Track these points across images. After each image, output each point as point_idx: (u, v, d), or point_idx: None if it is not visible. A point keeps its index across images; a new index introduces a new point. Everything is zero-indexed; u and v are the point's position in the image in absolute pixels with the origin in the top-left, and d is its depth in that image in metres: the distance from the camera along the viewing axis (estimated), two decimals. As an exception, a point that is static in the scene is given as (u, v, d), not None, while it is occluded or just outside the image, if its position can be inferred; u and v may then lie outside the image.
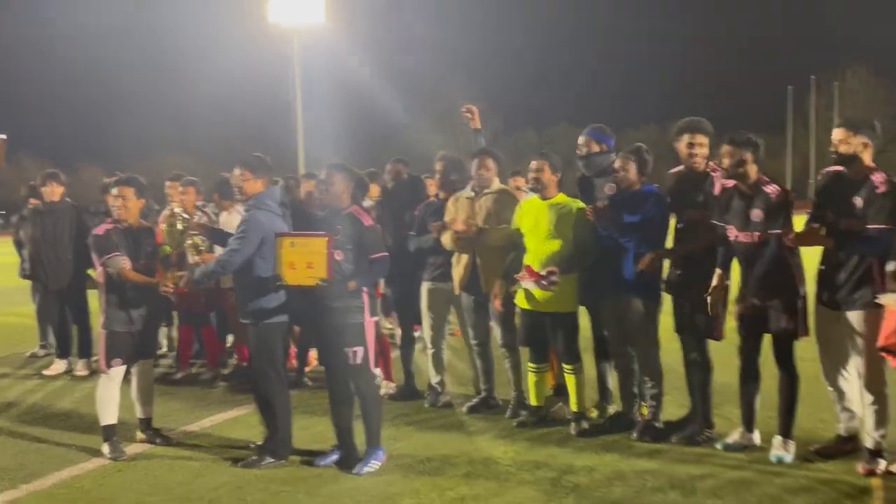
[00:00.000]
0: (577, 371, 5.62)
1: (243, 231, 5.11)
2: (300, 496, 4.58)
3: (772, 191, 4.82)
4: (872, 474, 4.57)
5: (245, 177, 5.28)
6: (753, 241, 4.84)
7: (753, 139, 4.90)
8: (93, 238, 5.55)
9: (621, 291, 5.40)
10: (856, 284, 4.64)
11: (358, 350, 4.97)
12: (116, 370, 5.47)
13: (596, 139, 5.91)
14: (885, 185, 4.51)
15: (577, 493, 4.49)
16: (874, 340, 4.52)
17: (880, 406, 4.66)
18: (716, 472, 4.73)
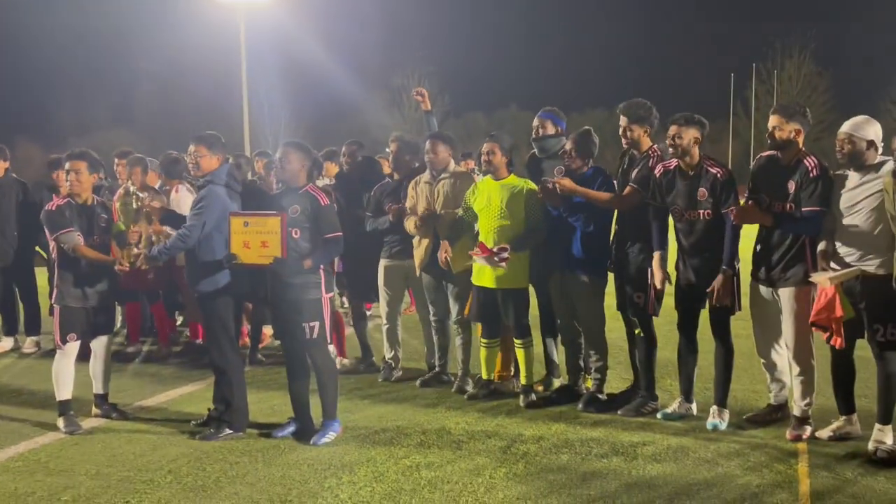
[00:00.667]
0: (526, 345, 5.84)
1: (202, 206, 5.16)
2: (258, 466, 4.70)
3: (717, 171, 5.08)
4: (799, 439, 4.90)
5: (201, 153, 5.31)
6: (698, 220, 5.10)
7: (698, 118, 5.14)
8: (45, 213, 5.52)
9: (569, 268, 5.63)
10: (788, 263, 4.92)
11: (315, 325, 5.09)
12: (71, 345, 5.49)
13: (552, 120, 6.13)
14: (817, 170, 4.80)
15: (527, 459, 4.71)
16: (804, 315, 4.82)
17: (807, 377, 4.98)
18: (656, 440, 5.00)
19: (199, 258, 5.23)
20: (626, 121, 5.45)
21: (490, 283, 5.77)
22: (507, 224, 5.68)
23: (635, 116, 5.43)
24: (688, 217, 5.15)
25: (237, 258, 5.04)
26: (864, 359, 4.92)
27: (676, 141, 5.08)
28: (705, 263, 5.13)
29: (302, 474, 4.55)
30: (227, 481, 4.47)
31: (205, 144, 5.34)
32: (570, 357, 5.94)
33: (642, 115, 5.44)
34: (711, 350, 5.35)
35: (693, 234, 5.16)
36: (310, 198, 5.11)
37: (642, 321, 5.51)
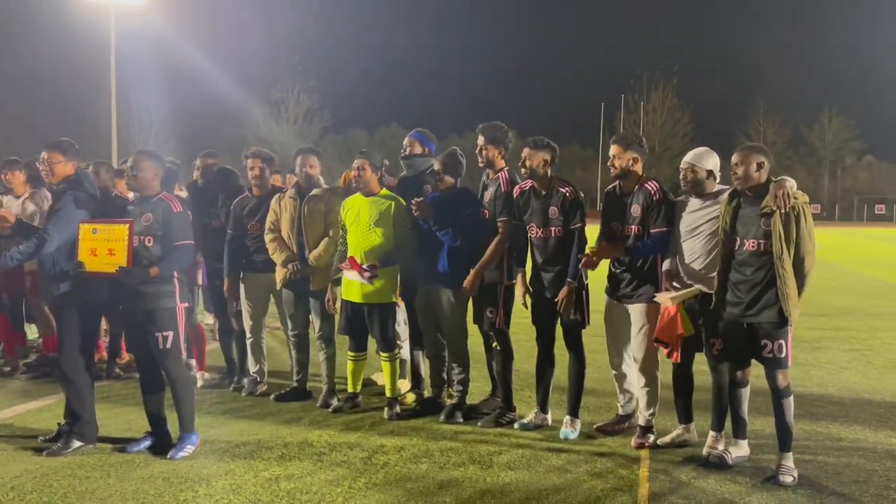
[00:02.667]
0: (392, 359, 5.95)
1: (60, 212, 4.99)
2: (110, 480, 4.56)
3: (566, 190, 5.40)
4: (643, 447, 5.23)
5: (56, 159, 5.15)
6: (550, 236, 5.39)
7: (548, 142, 5.48)
8: None
9: (434, 283, 5.80)
10: (639, 282, 5.28)
11: (168, 334, 5.01)
12: None
13: (420, 141, 6.32)
14: (659, 193, 5.19)
15: (387, 469, 4.80)
16: (651, 331, 5.19)
17: (651, 388, 5.33)
18: (511, 449, 5.20)
19: (54, 265, 5.05)
20: (483, 140, 5.73)
21: (358, 298, 5.85)
22: (377, 240, 5.79)
23: (491, 137, 5.72)
24: (541, 234, 5.44)
25: (83, 266, 4.91)
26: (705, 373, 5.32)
27: (528, 163, 5.39)
28: (558, 278, 5.42)
29: (157, 488, 4.45)
30: (75, 497, 4.31)
31: (59, 150, 5.20)
32: (434, 369, 6.09)
33: (498, 136, 5.73)
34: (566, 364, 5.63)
35: (546, 249, 5.45)
36: (162, 205, 5.05)
37: (498, 335, 5.74)
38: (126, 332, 5.72)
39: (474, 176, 6.57)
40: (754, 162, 4.73)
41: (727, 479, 4.71)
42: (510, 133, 5.75)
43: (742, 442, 4.99)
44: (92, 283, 5.04)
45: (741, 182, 4.75)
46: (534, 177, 5.44)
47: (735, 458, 4.90)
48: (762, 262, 4.66)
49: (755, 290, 4.68)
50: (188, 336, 6.37)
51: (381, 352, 5.97)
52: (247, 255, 6.49)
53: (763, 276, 4.66)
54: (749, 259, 4.70)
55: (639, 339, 5.30)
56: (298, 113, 62.68)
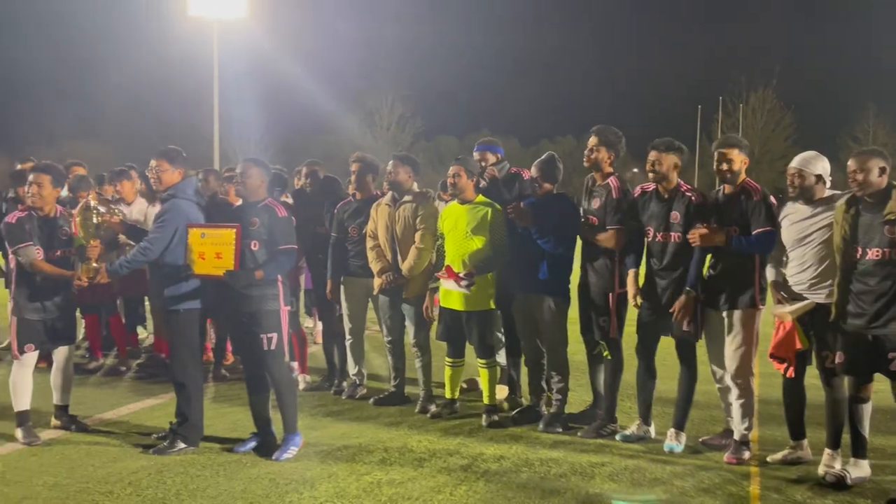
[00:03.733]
0: (490, 366, 5.93)
1: (164, 220, 5.20)
2: (219, 479, 4.71)
3: (692, 195, 5.22)
4: (737, 462, 5.02)
5: (162, 167, 5.36)
6: (669, 241, 5.23)
7: (678, 145, 5.32)
8: (4, 226, 5.50)
9: (533, 291, 5.73)
10: (736, 288, 5.08)
11: (273, 336, 5.13)
12: (29, 356, 5.46)
13: (490, 151, 6.32)
14: (759, 194, 5.02)
15: (487, 477, 4.78)
16: (747, 339, 5.01)
17: (746, 400, 5.11)
18: (613, 461, 5.09)
19: (162, 272, 5.26)
20: (596, 141, 5.60)
21: (456, 305, 5.86)
22: (474, 247, 5.78)
23: (605, 140, 5.59)
24: (660, 239, 5.28)
25: (192, 269, 5.09)
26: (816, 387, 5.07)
27: (656, 166, 5.24)
28: (673, 285, 5.24)
29: (263, 489, 4.57)
30: (187, 494, 4.47)
31: (166, 159, 5.39)
32: (533, 378, 6.02)
33: (612, 140, 5.60)
34: (672, 375, 5.47)
35: (664, 255, 5.28)
36: (268, 210, 5.18)
37: (609, 344, 5.63)
38: (232, 334, 5.91)
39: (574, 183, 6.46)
40: (875, 167, 4.49)
41: (846, 500, 4.48)
42: (623, 140, 5.64)
43: (863, 461, 4.72)
44: (199, 286, 5.23)
45: (861, 188, 4.51)
46: (661, 180, 5.28)
47: (855, 479, 4.64)
48: (887, 272, 4.41)
49: (880, 300, 4.43)
50: (290, 339, 6.52)
51: (480, 358, 5.95)
52: (347, 258, 6.60)
53: (889, 287, 4.41)
54: (873, 269, 4.46)
55: (732, 347, 5.10)
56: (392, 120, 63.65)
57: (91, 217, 5.47)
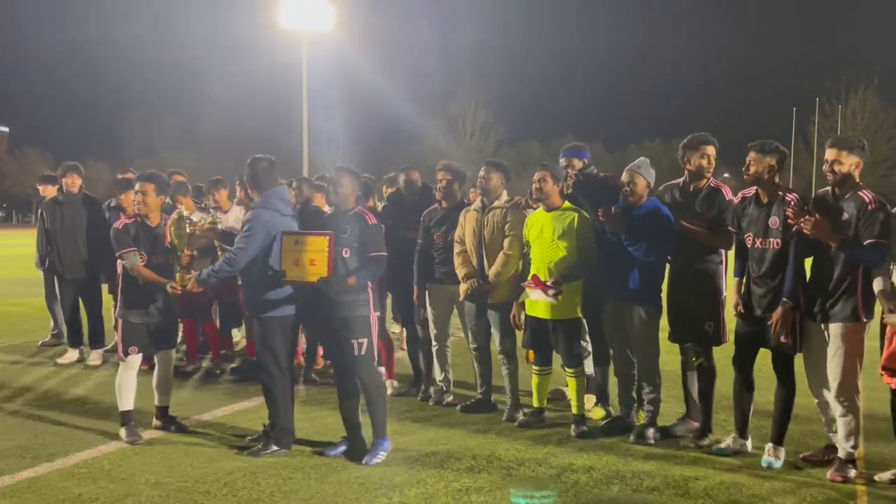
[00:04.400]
0: (578, 375, 5.84)
1: (248, 230, 5.32)
2: (311, 482, 4.79)
3: (792, 198, 5.01)
4: (842, 481, 4.77)
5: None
6: (768, 248, 5.04)
7: (776, 146, 5.12)
8: (112, 232, 5.77)
9: (624, 299, 5.62)
10: (839, 298, 4.84)
11: (363, 342, 5.19)
12: (133, 358, 5.69)
13: (577, 157, 6.21)
14: (875, 203, 4.73)
15: (577, 489, 4.70)
16: (851, 353, 4.75)
17: (851, 417, 4.85)
18: (708, 475, 4.93)
19: (249, 281, 5.40)
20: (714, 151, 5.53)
21: (542, 314, 5.80)
22: (560, 254, 5.71)
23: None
24: (759, 245, 5.10)
25: (286, 275, 5.19)
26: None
27: (752, 168, 5.07)
28: (771, 294, 5.04)
29: (353, 492, 4.62)
30: (280, 496, 4.56)
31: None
32: (624, 388, 5.90)
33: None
34: (769, 386, 5.27)
35: (763, 263, 5.08)
36: (358, 218, 5.26)
37: (707, 352, 5.46)
38: (323, 339, 6.00)
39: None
40: None
41: (963, 524, 4.20)
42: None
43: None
44: (286, 294, 5.34)
45: None
46: (758, 183, 5.10)
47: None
48: None
49: None
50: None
51: (567, 367, 5.87)
52: (432, 265, 6.63)
53: None
54: None
55: (835, 361, 4.84)
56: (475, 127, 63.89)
57: (184, 227, 5.64)
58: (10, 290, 15.54)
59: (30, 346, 9.33)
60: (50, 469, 4.99)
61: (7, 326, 10.93)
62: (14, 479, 4.81)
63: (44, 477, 4.86)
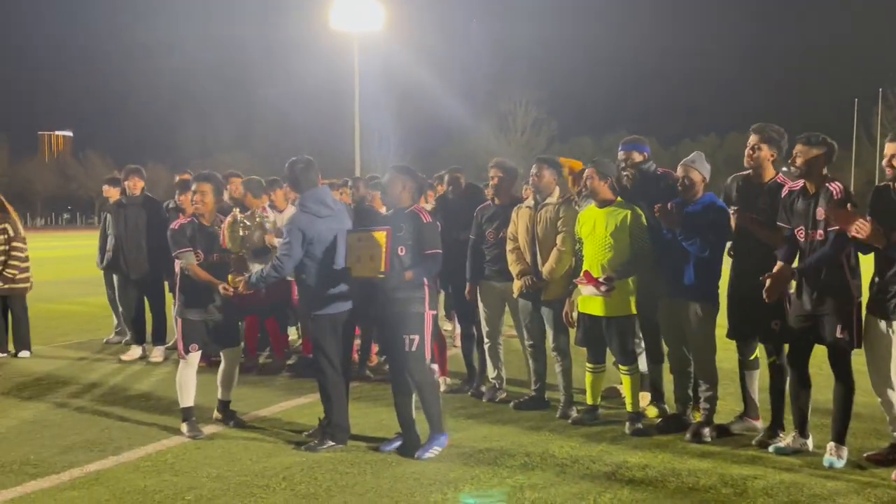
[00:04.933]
0: (632, 372, 5.80)
1: (286, 236, 5.43)
2: (367, 477, 4.86)
3: (834, 189, 4.89)
4: None
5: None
6: (815, 240, 4.92)
7: (822, 138, 5.00)
8: (169, 231, 5.92)
9: (679, 295, 5.55)
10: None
11: (415, 338, 5.24)
12: (193, 356, 5.83)
13: (636, 150, 6.09)
14: None
15: (632, 486, 4.67)
16: None
17: None
18: (767, 474, 4.85)
19: (302, 281, 5.52)
20: (757, 139, 5.35)
21: (596, 311, 5.77)
22: (613, 251, 5.67)
23: (767, 136, 5.34)
24: (809, 238, 4.98)
25: (351, 272, 5.28)
26: None
27: (798, 160, 4.97)
28: (825, 290, 4.92)
29: (408, 487, 4.67)
30: (337, 490, 4.64)
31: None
32: (679, 386, 5.83)
33: (774, 137, 5.35)
34: (829, 384, 5.15)
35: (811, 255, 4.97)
36: (413, 216, 5.31)
37: (778, 349, 5.37)
38: (379, 335, 6.07)
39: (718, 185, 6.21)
40: None
41: None
42: (786, 137, 5.37)
43: None
44: (339, 292, 5.42)
45: None
46: (806, 176, 4.99)
47: None
48: None
49: None
50: None
51: (621, 365, 5.83)
52: (483, 262, 6.65)
53: None
54: None
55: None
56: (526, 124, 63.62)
57: (238, 230, 5.76)
58: (76, 289, 16.09)
59: (95, 343, 9.66)
60: (116, 462, 5.16)
61: (73, 325, 11.32)
62: (83, 471, 4.99)
63: (110, 470, 5.02)
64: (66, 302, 14.15)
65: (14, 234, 8.81)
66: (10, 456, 5.29)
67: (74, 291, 15.76)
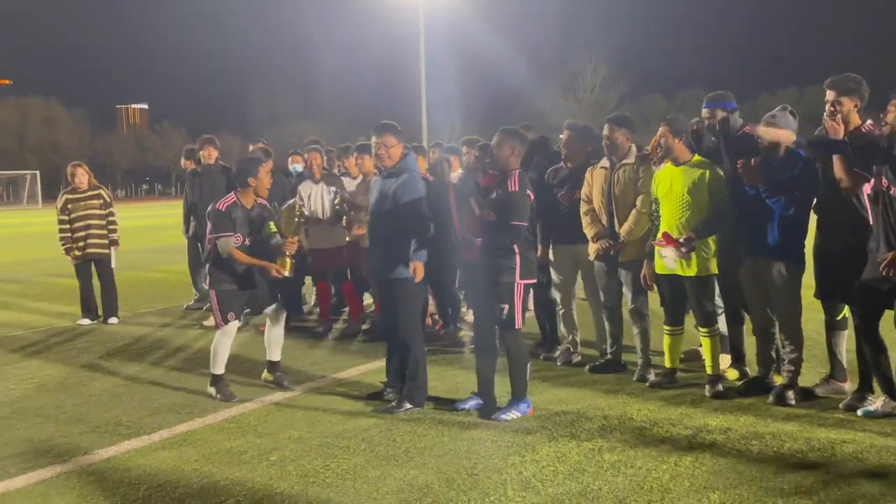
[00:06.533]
0: (712, 334, 5.67)
1: (416, 196, 5.44)
2: (444, 439, 4.90)
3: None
4: None
5: (391, 142, 5.51)
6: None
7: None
8: (212, 211, 5.85)
9: (763, 255, 5.38)
10: None
11: (505, 306, 5.20)
12: (231, 325, 5.88)
13: (721, 107, 5.86)
14: None
15: (714, 449, 4.58)
16: None
17: None
18: (857, 438, 4.68)
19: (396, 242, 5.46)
20: (835, 94, 5.03)
21: (674, 272, 5.63)
22: (691, 210, 5.52)
23: (845, 88, 5.02)
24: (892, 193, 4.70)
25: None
26: None
27: (891, 116, 4.71)
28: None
29: (486, 450, 4.70)
30: (416, 452, 4.69)
31: (392, 134, 5.53)
32: (762, 348, 5.67)
33: (852, 87, 5.04)
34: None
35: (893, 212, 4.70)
36: (504, 183, 5.22)
37: None
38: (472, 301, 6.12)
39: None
40: None
41: None
42: (864, 82, 5.07)
43: None
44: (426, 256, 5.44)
45: None
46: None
47: None
48: None
49: None
50: None
51: (701, 327, 5.71)
52: (556, 225, 6.56)
53: None
54: None
55: None
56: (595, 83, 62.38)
57: (294, 217, 5.83)
58: (158, 258, 16.67)
59: (178, 310, 10.00)
60: (202, 424, 5.34)
61: (156, 292, 11.74)
62: (172, 432, 5.18)
63: (197, 431, 5.20)
64: (150, 270, 14.66)
65: (109, 200, 9.34)
66: (104, 417, 5.53)
67: (157, 260, 16.32)
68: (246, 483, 4.27)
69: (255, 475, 4.38)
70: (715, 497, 3.92)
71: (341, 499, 4.04)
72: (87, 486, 4.30)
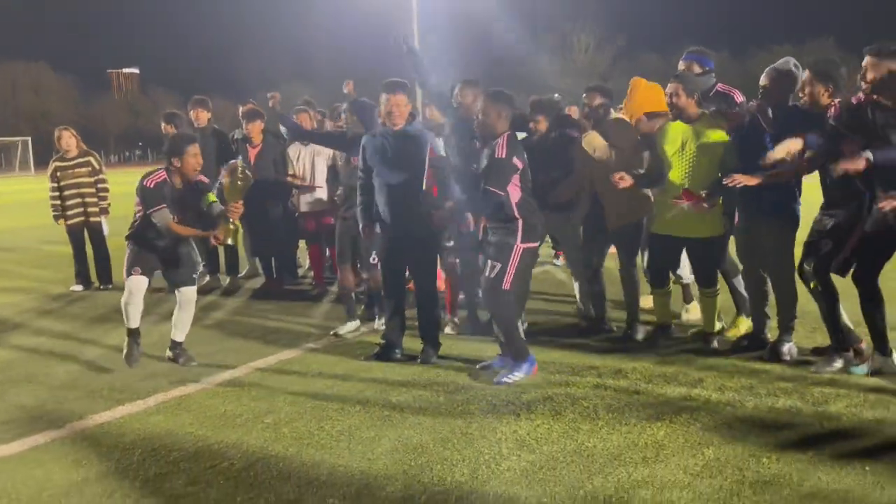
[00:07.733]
0: (713, 294, 5.69)
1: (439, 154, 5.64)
2: (440, 398, 4.91)
3: None
4: None
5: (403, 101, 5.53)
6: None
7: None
8: (142, 189, 5.63)
9: (757, 213, 5.34)
10: None
11: (497, 264, 5.18)
12: (136, 280, 5.70)
13: (698, 62, 5.87)
14: None
15: (708, 407, 4.59)
16: None
17: None
18: (850, 393, 4.69)
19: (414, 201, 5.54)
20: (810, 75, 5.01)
21: (683, 232, 5.57)
22: (704, 168, 5.44)
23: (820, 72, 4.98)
24: None
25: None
26: None
27: (869, 75, 4.60)
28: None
29: (481, 409, 4.70)
30: (411, 412, 4.70)
31: (404, 92, 5.52)
32: (756, 305, 5.66)
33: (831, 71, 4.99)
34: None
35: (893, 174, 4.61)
36: (491, 148, 5.17)
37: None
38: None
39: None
40: None
41: None
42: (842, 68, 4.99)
43: None
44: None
45: None
46: (880, 92, 4.56)
47: None
48: None
49: None
50: None
51: (703, 287, 5.71)
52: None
53: None
54: None
55: None
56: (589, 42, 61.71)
57: (237, 180, 5.68)
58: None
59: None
60: (197, 388, 5.32)
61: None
62: (166, 396, 5.18)
63: (192, 395, 5.19)
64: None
65: (98, 167, 9.23)
66: (98, 382, 5.52)
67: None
68: (241, 446, 4.27)
69: (250, 438, 4.38)
70: (709, 453, 3.93)
71: (335, 460, 4.04)
72: (82, 451, 4.30)
